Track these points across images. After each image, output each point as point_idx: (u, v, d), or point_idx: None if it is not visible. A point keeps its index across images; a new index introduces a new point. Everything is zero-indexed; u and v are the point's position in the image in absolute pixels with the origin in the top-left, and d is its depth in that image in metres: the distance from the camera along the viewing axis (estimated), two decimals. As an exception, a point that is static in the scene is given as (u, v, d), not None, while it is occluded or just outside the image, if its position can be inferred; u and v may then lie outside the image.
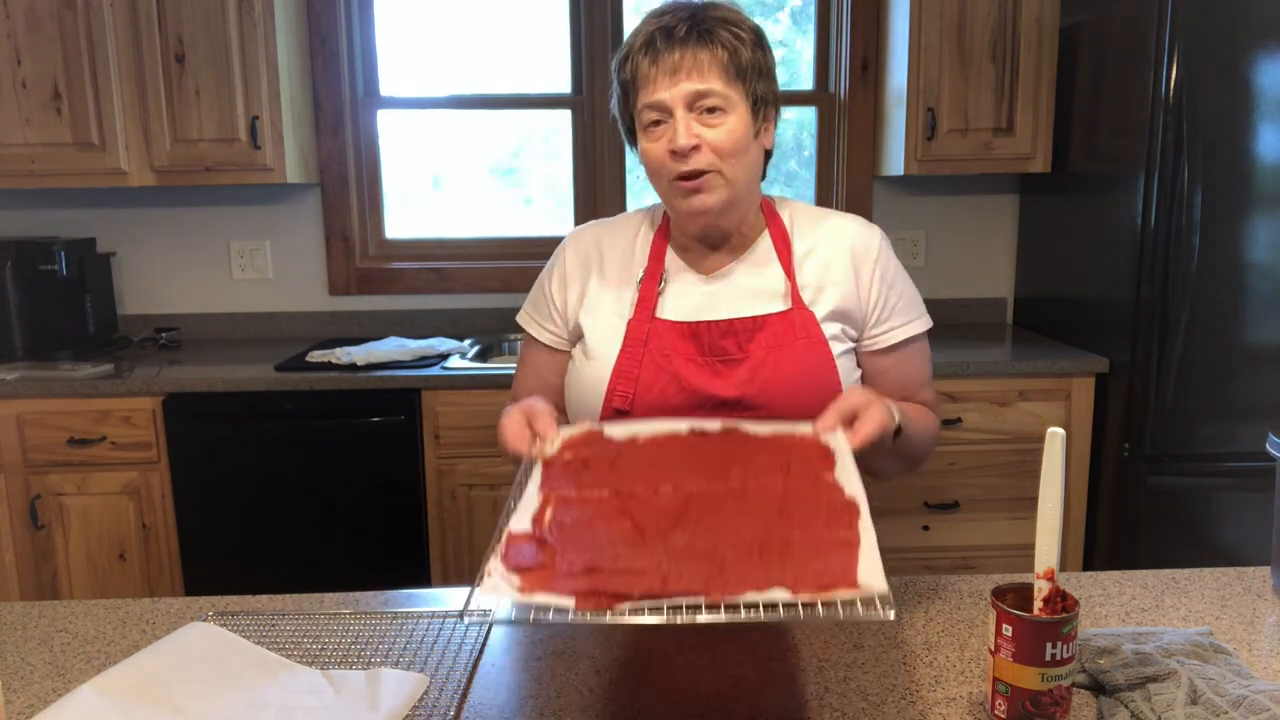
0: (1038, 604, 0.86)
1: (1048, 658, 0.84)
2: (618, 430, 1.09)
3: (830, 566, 0.81)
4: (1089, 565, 2.50)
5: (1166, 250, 2.21)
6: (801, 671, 0.98)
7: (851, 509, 0.89)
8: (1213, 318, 2.23)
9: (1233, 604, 1.13)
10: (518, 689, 0.97)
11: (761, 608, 0.77)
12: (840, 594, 0.77)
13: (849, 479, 0.95)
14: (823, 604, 0.77)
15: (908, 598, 1.16)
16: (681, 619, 0.76)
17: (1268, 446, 1.12)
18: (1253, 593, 1.16)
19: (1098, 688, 0.93)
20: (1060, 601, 0.86)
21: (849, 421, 1.05)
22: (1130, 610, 1.12)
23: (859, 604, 0.76)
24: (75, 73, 2.49)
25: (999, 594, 0.88)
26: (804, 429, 1.06)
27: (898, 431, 1.12)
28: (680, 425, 1.09)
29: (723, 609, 0.77)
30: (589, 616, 0.77)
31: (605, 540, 0.86)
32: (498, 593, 0.79)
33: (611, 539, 0.87)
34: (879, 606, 0.76)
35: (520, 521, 0.90)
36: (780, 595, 0.77)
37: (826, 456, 1.00)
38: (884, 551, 0.82)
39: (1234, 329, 2.24)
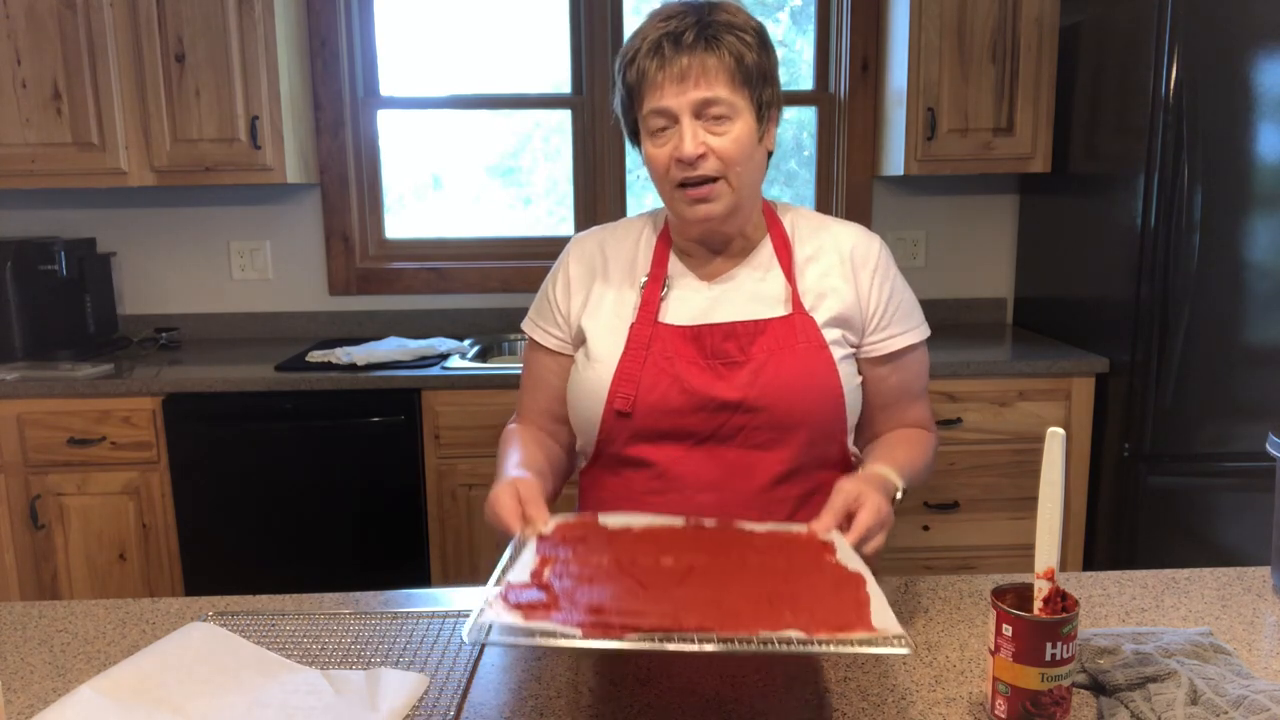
0: (1038, 604, 0.86)
1: (1048, 658, 0.84)
2: (612, 519, 1.07)
3: (844, 614, 0.82)
4: (1089, 565, 2.49)
5: (1166, 250, 2.21)
6: (801, 671, 0.98)
7: (857, 579, 0.90)
8: (1213, 318, 2.23)
9: (1233, 604, 1.13)
10: (518, 689, 0.97)
11: (776, 642, 0.77)
12: (856, 634, 0.78)
13: (851, 560, 0.95)
14: (837, 641, 0.78)
15: (908, 598, 1.16)
16: (693, 647, 0.76)
17: (1268, 446, 1.12)
18: (1253, 593, 1.16)
19: (1098, 688, 0.93)
20: (1060, 601, 0.86)
21: (845, 518, 1.03)
22: (1130, 610, 1.12)
23: (874, 641, 0.78)
24: (75, 73, 2.49)
25: (999, 594, 0.88)
26: (799, 528, 1.04)
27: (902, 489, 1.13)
28: (676, 520, 1.07)
29: (736, 642, 0.77)
30: (596, 644, 0.77)
31: (609, 593, 0.86)
32: (499, 618, 0.78)
33: (615, 592, 0.86)
34: (893, 642, 0.77)
35: (519, 575, 0.89)
36: (794, 634, 0.78)
37: (826, 545, 1.00)
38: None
39: (1234, 329, 2.24)
